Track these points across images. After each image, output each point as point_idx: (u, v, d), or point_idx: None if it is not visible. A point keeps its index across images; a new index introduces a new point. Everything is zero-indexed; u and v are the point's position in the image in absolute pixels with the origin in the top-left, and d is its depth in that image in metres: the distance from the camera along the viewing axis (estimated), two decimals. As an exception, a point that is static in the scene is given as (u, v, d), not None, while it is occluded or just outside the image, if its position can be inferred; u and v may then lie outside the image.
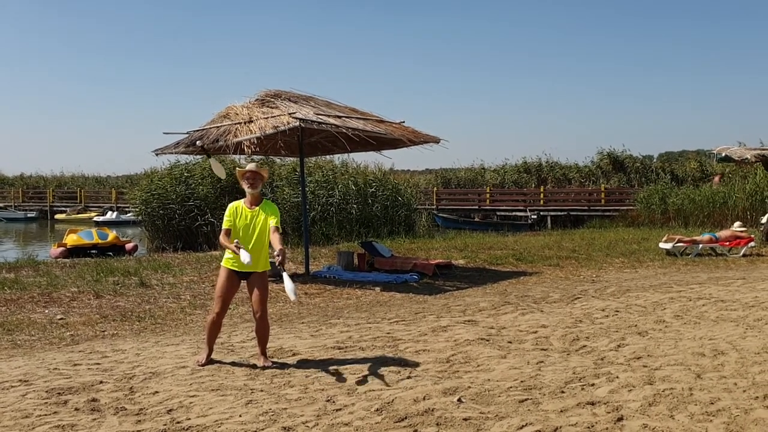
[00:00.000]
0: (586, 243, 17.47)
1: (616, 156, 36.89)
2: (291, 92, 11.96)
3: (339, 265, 12.69)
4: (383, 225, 22.27)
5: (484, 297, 9.65)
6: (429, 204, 33.75)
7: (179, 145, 12.05)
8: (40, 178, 54.76)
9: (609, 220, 27.91)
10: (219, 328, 5.93)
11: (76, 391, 5.06)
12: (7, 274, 11.98)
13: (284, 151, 13.53)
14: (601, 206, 31.51)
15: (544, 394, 4.92)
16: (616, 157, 36.86)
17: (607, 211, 30.09)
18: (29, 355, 6.50)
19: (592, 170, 37.05)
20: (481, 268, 13.29)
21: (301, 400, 4.80)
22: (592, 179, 36.52)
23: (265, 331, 5.89)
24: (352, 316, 8.37)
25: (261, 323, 5.81)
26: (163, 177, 23.85)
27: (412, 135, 11.96)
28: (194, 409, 4.63)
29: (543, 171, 37.98)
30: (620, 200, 31.48)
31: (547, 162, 38.44)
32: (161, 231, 23.41)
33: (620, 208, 29.25)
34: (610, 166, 36.64)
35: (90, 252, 19.45)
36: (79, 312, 8.86)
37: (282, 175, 23.67)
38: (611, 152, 37.02)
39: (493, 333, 7.02)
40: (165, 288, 10.73)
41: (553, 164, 38.24)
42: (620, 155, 36.96)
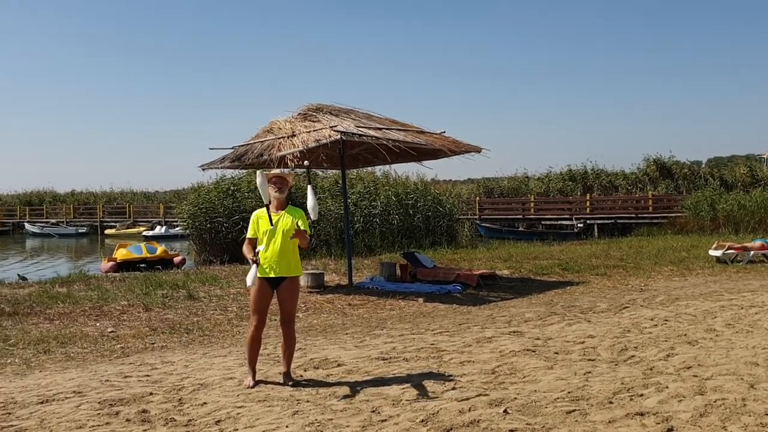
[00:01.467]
0: (633, 251, 17.17)
1: (663, 162, 36.22)
2: (332, 106, 12.09)
3: (382, 276, 12.73)
4: (425, 236, 22.24)
5: (529, 307, 9.56)
6: (471, 214, 33.58)
7: (225, 160, 12.28)
8: (90, 194, 56.26)
9: (657, 227, 27.40)
10: (259, 343, 5.75)
11: (127, 403, 5.18)
12: (60, 289, 12.33)
13: (326, 163, 13.67)
14: (649, 213, 30.92)
15: (592, 405, 4.84)
16: (663, 163, 36.19)
17: (655, 219, 29.52)
18: (82, 367, 6.68)
19: (639, 177, 36.42)
20: (526, 278, 13.17)
21: (346, 411, 4.82)
22: (638, 186, 35.90)
23: (292, 342, 5.71)
24: (395, 327, 8.38)
25: (288, 332, 5.65)
26: (210, 191, 24.25)
27: (453, 145, 11.96)
28: (242, 420, 4.69)
29: (588, 178, 37.47)
30: (668, 207, 30.84)
31: (593, 169, 37.93)
32: (208, 244, 23.77)
33: (668, 215, 28.66)
34: (657, 173, 35.97)
35: (139, 266, 19.89)
36: (129, 325, 9.07)
37: (324, 187, 23.85)
38: (658, 158, 36.37)
39: (539, 344, 6.94)
40: (212, 300, 10.91)
41: (599, 171, 37.71)
42: (667, 161, 36.28)
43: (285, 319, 5.68)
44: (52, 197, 56.95)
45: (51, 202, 55.50)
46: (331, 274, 13.76)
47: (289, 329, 5.69)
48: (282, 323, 5.71)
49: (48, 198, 56.74)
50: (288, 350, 5.72)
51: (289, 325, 5.69)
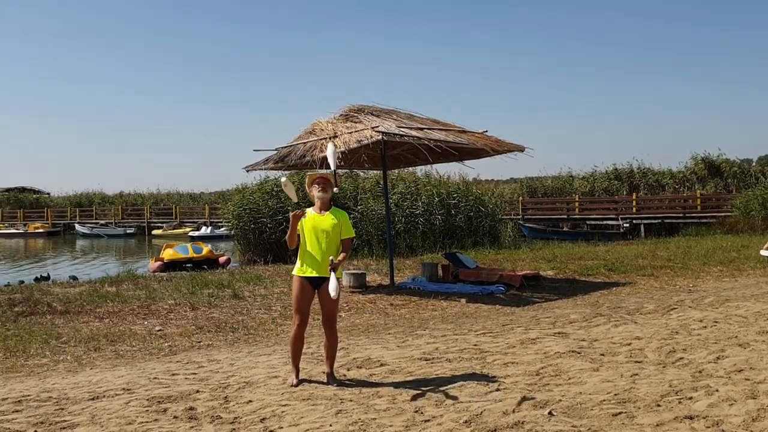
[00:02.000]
0: (681, 251, 16.80)
1: (712, 161, 35.38)
2: (373, 106, 12.12)
3: (423, 277, 12.71)
4: (467, 236, 22.13)
5: (574, 308, 9.43)
6: (514, 214, 33.30)
7: (268, 162, 12.43)
8: (138, 196, 57.55)
9: (705, 227, 26.79)
10: (302, 342, 5.79)
11: (174, 400, 5.28)
12: (110, 288, 12.64)
13: (368, 164, 13.69)
14: (697, 213, 30.24)
15: (639, 407, 4.75)
16: (711, 161, 35.35)
17: (704, 218, 28.85)
18: (131, 365, 6.83)
19: (687, 176, 35.65)
20: (570, 279, 13.00)
21: (389, 411, 4.83)
22: (686, 185, 35.15)
23: (334, 342, 5.74)
24: (438, 327, 8.36)
25: (330, 331, 5.68)
26: (254, 192, 24.57)
27: (496, 144, 11.88)
28: (286, 418, 4.74)
29: (635, 177, 36.83)
30: (717, 206, 30.11)
31: (639, 168, 37.27)
32: (252, 244, 24.10)
33: (717, 215, 27.99)
34: (705, 171, 35.16)
35: (185, 266, 20.27)
36: (176, 323, 9.25)
37: (366, 188, 23.93)
38: (706, 157, 35.55)
39: (584, 345, 6.85)
40: (257, 300, 11.04)
41: (646, 170, 37.04)
42: (716, 160, 35.44)
43: (327, 319, 5.71)
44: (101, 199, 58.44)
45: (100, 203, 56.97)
46: (373, 275, 13.80)
47: (331, 329, 5.71)
48: (324, 323, 5.74)
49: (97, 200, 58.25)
50: (331, 350, 5.75)
51: (331, 324, 5.71)
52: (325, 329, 5.74)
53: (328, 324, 5.72)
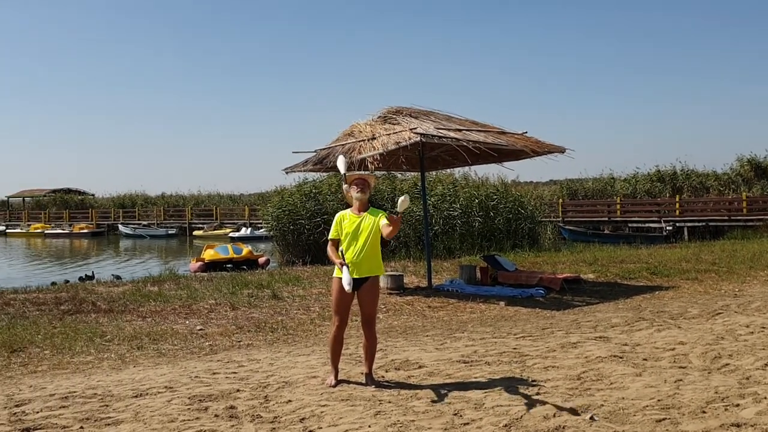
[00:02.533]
0: (726, 255, 16.40)
1: (759, 162, 34.49)
2: (412, 108, 12.11)
3: (461, 279, 12.65)
4: (506, 238, 21.95)
5: (616, 312, 9.28)
6: (554, 216, 32.92)
7: (307, 164, 12.52)
8: (179, 197, 58.48)
9: (752, 230, 26.10)
10: (341, 343, 5.80)
11: (215, 399, 5.34)
12: (152, 287, 12.86)
13: (406, 166, 13.70)
14: (743, 216, 29.50)
15: (684, 414, 4.65)
16: (758, 163, 34.46)
17: (750, 221, 28.14)
18: (173, 363, 6.94)
19: (732, 178, 34.80)
20: (612, 282, 12.80)
21: (428, 413, 4.81)
22: (732, 187, 34.29)
23: (373, 343, 5.74)
24: (476, 330, 8.31)
25: (369, 332, 5.68)
26: (293, 194, 24.76)
27: (536, 145, 11.76)
28: (325, 418, 4.76)
29: (678, 179, 36.08)
30: (764, 209, 29.33)
31: (683, 170, 36.50)
32: (291, 245, 24.29)
33: (764, 218, 27.29)
34: (751, 173, 34.27)
35: (226, 266, 20.53)
36: (216, 323, 9.36)
37: (403, 189, 23.92)
38: (752, 158, 34.68)
39: (626, 350, 6.73)
40: (295, 300, 11.12)
41: (689, 172, 36.26)
42: (763, 161, 34.53)
43: (366, 320, 5.73)
44: (143, 200, 59.52)
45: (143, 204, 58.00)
46: (410, 276, 13.79)
47: (370, 330, 5.72)
48: (363, 324, 5.76)
49: (140, 201, 59.33)
50: (369, 351, 5.76)
51: (370, 325, 5.73)
52: (364, 330, 5.76)
53: (367, 325, 5.74)
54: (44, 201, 64.87)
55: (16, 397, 5.61)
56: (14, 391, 5.91)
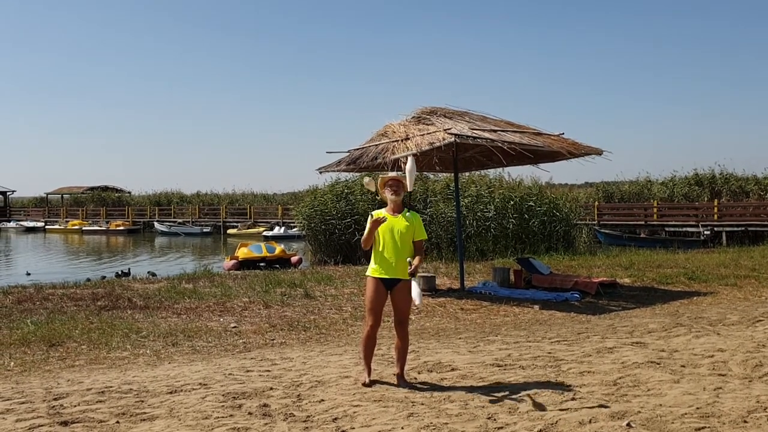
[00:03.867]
0: (767, 261, 16.00)
1: (801, 166, 33.63)
2: (446, 108, 12.06)
3: (495, 282, 12.55)
4: (540, 241, 21.71)
5: (653, 318, 9.12)
6: (590, 219, 32.49)
7: (341, 164, 12.55)
8: (214, 196, 59.06)
9: (794, 236, 25.43)
10: (374, 342, 5.82)
11: (249, 396, 5.37)
12: (187, 285, 13.01)
13: (439, 166, 13.59)
14: (784, 221, 28.78)
15: (724, 423, 4.53)
16: (801, 167, 33.60)
17: (792, 227, 27.42)
18: (207, 360, 7.00)
19: (773, 182, 33.98)
20: (648, 287, 12.58)
21: (461, 416, 4.77)
22: (772, 192, 33.49)
23: (405, 343, 5.74)
24: (510, 333, 8.22)
25: (401, 333, 5.70)
26: (325, 194, 24.84)
27: (572, 147, 11.61)
28: (358, 418, 4.75)
29: (717, 183, 35.35)
30: (806, 214, 28.58)
31: (721, 174, 35.74)
32: (323, 245, 24.38)
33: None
34: (793, 178, 33.44)
35: (259, 264, 20.68)
36: (250, 321, 9.43)
37: (436, 190, 23.84)
38: (795, 162, 33.84)
39: (664, 356, 6.60)
40: (328, 299, 11.15)
41: (728, 176, 35.49)
42: (805, 165, 33.69)
43: (399, 320, 5.73)
44: (179, 198, 60.22)
45: (178, 202, 58.69)
46: (442, 278, 13.72)
47: (402, 330, 5.73)
48: (396, 324, 5.76)
49: (175, 199, 60.05)
50: (401, 352, 5.75)
51: (402, 326, 5.73)
52: (397, 331, 5.76)
53: (399, 325, 5.74)
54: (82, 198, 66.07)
55: (54, 391, 5.71)
56: (53, 384, 6.02)
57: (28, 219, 62.71)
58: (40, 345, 7.94)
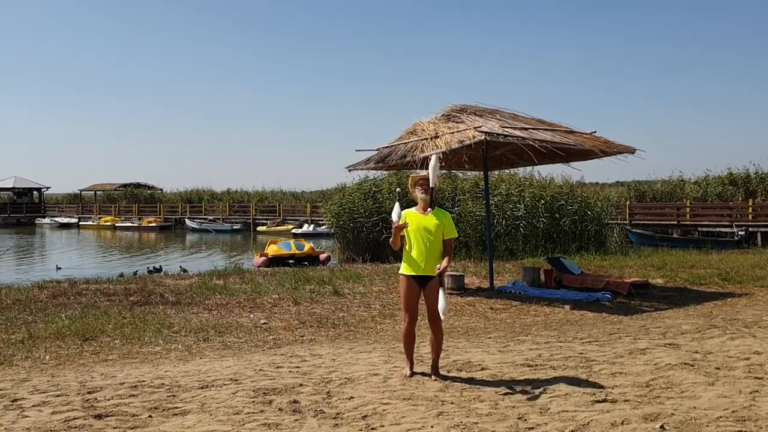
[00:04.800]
0: (805, 262, 15.65)
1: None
2: (476, 106, 11.98)
3: (525, 281, 12.45)
4: (571, 241, 21.50)
5: (686, 319, 8.97)
6: (621, 219, 32.08)
7: (370, 162, 12.54)
8: (244, 194, 59.55)
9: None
10: (413, 337, 5.95)
11: (279, 392, 5.40)
12: (218, 281, 13.12)
13: (468, 165, 13.53)
14: (822, 222, 28.11)
15: (761, 427, 4.44)
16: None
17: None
18: (238, 356, 7.06)
19: (810, 182, 33.23)
20: (681, 287, 12.38)
21: (491, 416, 4.74)
22: (810, 192, 32.75)
23: (439, 339, 5.87)
24: (540, 333, 8.15)
25: (435, 328, 5.81)
26: (353, 192, 24.90)
27: (605, 145, 11.46)
28: (387, 416, 4.75)
29: (751, 183, 34.66)
30: None
31: (756, 173, 35.04)
32: (351, 243, 24.45)
33: None
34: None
35: (288, 261, 20.80)
36: (279, 317, 9.48)
37: (465, 189, 23.73)
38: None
39: (698, 358, 6.49)
40: (356, 297, 11.17)
41: (764, 175, 34.77)
42: None
43: (432, 317, 5.83)
44: (210, 195, 60.82)
45: (209, 200, 59.28)
46: (471, 277, 13.65)
47: (436, 325, 5.83)
48: (429, 321, 5.87)
49: (206, 196, 60.65)
50: (436, 344, 5.87)
51: (436, 322, 5.82)
52: (431, 326, 5.86)
53: (433, 323, 5.83)
54: (115, 195, 67.07)
55: (88, 384, 5.81)
56: (87, 378, 6.12)
57: (62, 215, 63.89)
58: (74, 339, 8.08)
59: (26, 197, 68.01)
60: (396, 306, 10.19)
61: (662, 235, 30.47)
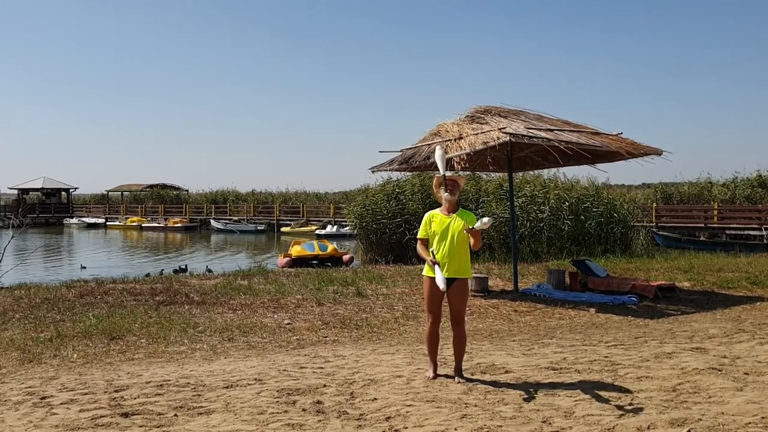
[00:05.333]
0: (836, 266, 15.34)
1: None
2: (501, 107, 11.92)
3: (549, 284, 12.36)
4: (597, 243, 21.30)
5: (713, 323, 8.84)
6: (647, 221, 31.72)
7: (393, 163, 12.54)
8: (268, 195, 59.88)
9: None
10: (437, 338, 5.91)
11: (303, 393, 5.42)
12: (242, 281, 13.21)
13: (492, 166, 13.44)
14: None
15: (792, 435, 4.36)
16: None
17: None
18: (262, 356, 7.10)
19: (843, 184, 32.57)
20: (709, 291, 12.21)
21: (515, 419, 4.71)
22: (842, 194, 32.09)
23: (462, 341, 5.83)
24: (565, 336, 8.09)
25: (458, 331, 5.78)
26: (376, 193, 24.91)
27: (631, 147, 11.34)
28: (411, 418, 4.74)
29: (781, 185, 34.09)
30: None
31: (787, 175, 34.46)
32: (374, 244, 24.47)
33: None
34: None
35: (311, 262, 20.87)
36: (303, 318, 9.52)
37: (488, 190, 23.63)
38: None
39: (726, 363, 6.39)
40: (379, 298, 11.17)
41: (794, 178, 34.19)
42: None
43: (455, 320, 5.82)
44: (234, 196, 61.23)
45: (234, 201, 59.68)
46: (495, 279, 13.58)
47: (459, 328, 5.81)
48: (452, 323, 5.86)
49: (231, 197, 61.07)
50: (458, 347, 5.84)
51: (459, 324, 5.81)
52: (454, 328, 5.85)
53: (455, 324, 5.83)
54: (141, 196, 67.83)
55: (115, 383, 5.88)
56: (113, 376, 6.19)
57: (89, 215, 64.75)
58: (101, 338, 8.18)
59: (55, 198, 69.02)
60: (419, 308, 10.17)
61: (689, 238, 30.06)
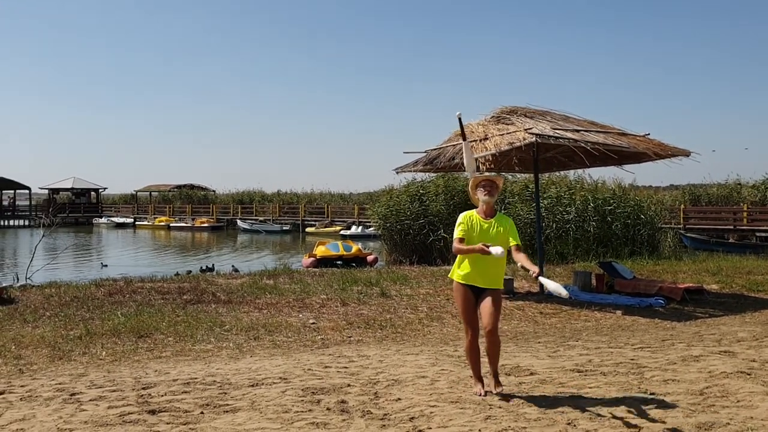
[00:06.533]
0: None
1: None
2: (527, 108, 11.87)
3: (575, 285, 12.28)
4: (623, 245, 21.08)
5: (742, 326, 8.71)
6: (675, 223, 31.31)
7: (418, 164, 12.55)
8: (293, 195, 60.21)
9: None
10: (478, 351, 5.57)
11: (327, 392, 5.45)
12: (268, 281, 13.31)
13: (518, 167, 13.39)
14: None
15: (823, 441, 4.29)
16: None
17: None
18: (287, 355, 7.15)
19: None
20: (738, 294, 12.03)
21: (540, 421, 4.69)
22: None
23: (497, 347, 5.50)
24: (591, 339, 8.03)
25: (492, 338, 5.42)
26: (400, 194, 24.91)
27: (659, 148, 11.21)
28: (435, 419, 4.74)
29: (813, 186, 33.41)
30: None
31: (818, 177, 33.76)
32: (398, 245, 24.46)
33: None
34: None
35: (336, 262, 20.95)
36: (327, 317, 9.57)
37: (514, 191, 23.51)
38: None
39: (755, 367, 6.29)
40: (403, 299, 11.18)
41: (826, 179, 33.50)
42: None
43: (488, 331, 5.44)
44: (260, 197, 61.65)
45: (260, 201, 60.10)
46: (520, 281, 13.53)
47: (493, 336, 5.43)
48: (486, 332, 5.46)
49: (257, 197, 61.51)
50: (492, 353, 5.48)
51: (492, 332, 5.43)
52: (487, 337, 5.44)
53: (489, 335, 5.42)
54: (169, 196, 68.63)
55: (142, 380, 5.97)
56: (141, 374, 6.29)
57: (118, 215, 65.66)
58: (129, 336, 8.31)
59: (84, 197, 70.06)
60: (443, 309, 10.17)
61: (718, 240, 29.61)
